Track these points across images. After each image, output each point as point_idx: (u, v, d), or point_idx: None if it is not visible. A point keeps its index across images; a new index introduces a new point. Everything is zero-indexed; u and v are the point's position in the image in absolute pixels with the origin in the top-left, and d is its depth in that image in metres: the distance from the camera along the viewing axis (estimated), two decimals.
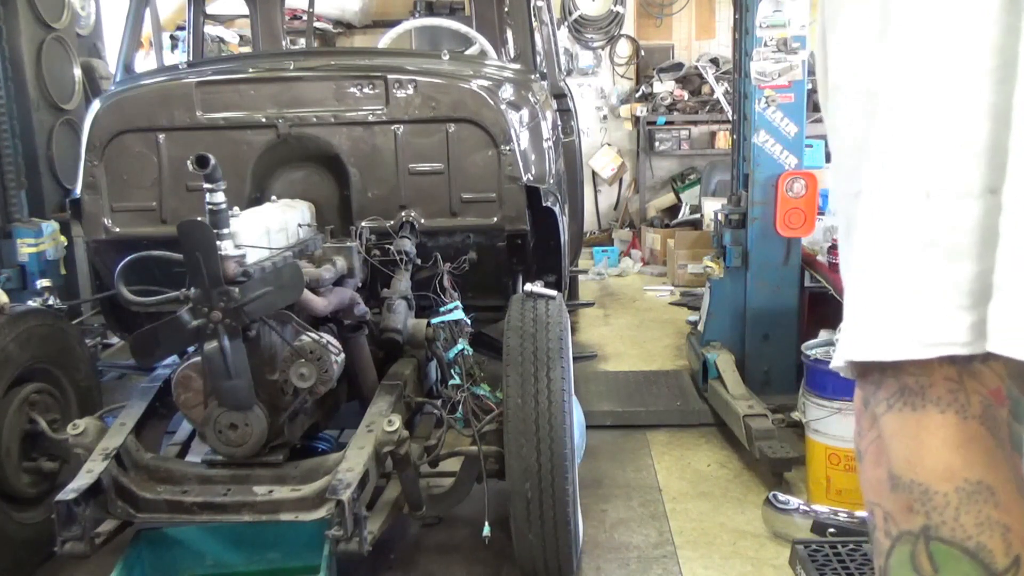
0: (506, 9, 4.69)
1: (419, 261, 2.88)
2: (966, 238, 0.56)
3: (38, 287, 3.83)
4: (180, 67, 3.36)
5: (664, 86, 8.06)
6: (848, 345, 0.61)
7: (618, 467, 3.49)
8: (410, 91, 2.86)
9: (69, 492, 2.15)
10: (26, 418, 2.68)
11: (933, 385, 0.57)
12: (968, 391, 0.57)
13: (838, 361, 0.63)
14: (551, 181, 3.23)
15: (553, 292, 2.69)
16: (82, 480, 2.19)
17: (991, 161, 0.55)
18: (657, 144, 8.00)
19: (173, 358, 2.74)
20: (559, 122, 4.11)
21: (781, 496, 2.89)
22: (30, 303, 3.18)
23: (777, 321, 3.95)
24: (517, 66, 3.59)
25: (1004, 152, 0.55)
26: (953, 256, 0.56)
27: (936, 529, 0.56)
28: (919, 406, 0.57)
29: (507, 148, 2.86)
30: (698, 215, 7.35)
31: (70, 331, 3.00)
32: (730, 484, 3.34)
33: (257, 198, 2.88)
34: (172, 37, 6.48)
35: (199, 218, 2.13)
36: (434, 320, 2.75)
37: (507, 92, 3.07)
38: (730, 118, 5.60)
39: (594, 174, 8.33)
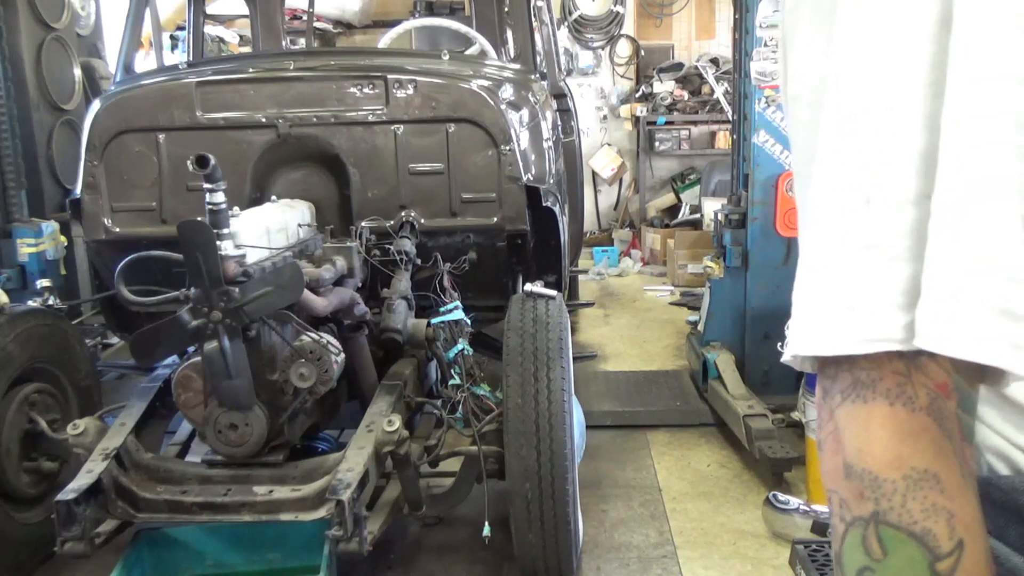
0: (506, 9, 4.68)
1: (419, 261, 2.88)
2: (902, 242, 0.60)
3: (38, 287, 3.83)
4: (180, 67, 3.35)
5: (664, 86, 8.06)
6: (796, 341, 0.65)
7: (618, 467, 3.49)
8: (410, 91, 2.86)
9: (69, 492, 2.15)
10: (26, 418, 2.69)
11: (883, 379, 0.61)
12: (915, 384, 0.60)
13: (786, 356, 0.67)
14: (551, 181, 3.22)
15: (553, 292, 2.69)
16: (82, 480, 2.19)
17: (925, 169, 0.59)
18: (657, 144, 7.99)
19: (173, 358, 2.74)
20: (559, 122, 4.11)
21: (781, 496, 2.89)
22: (30, 303, 3.18)
23: (777, 321, 3.93)
24: (517, 66, 3.59)
25: (936, 161, 0.59)
26: (890, 258, 0.60)
27: (885, 514, 0.59)
28: (870, 399, 0.61)
29: (507, 148, 2.86)
30: (698, 215, 7.34)
31: (70, 331, 3.00)
32: (730, 484, 3.34)
33: (257, 198, 2.88)
34: (172, 37, 6.48)
35: (199, 218, 2.13)
36: (434, 320, 2.74)
37: (507, 92, 3.07)
38: (730, 118, 5.59)
39: (594, 174, 8.32)
